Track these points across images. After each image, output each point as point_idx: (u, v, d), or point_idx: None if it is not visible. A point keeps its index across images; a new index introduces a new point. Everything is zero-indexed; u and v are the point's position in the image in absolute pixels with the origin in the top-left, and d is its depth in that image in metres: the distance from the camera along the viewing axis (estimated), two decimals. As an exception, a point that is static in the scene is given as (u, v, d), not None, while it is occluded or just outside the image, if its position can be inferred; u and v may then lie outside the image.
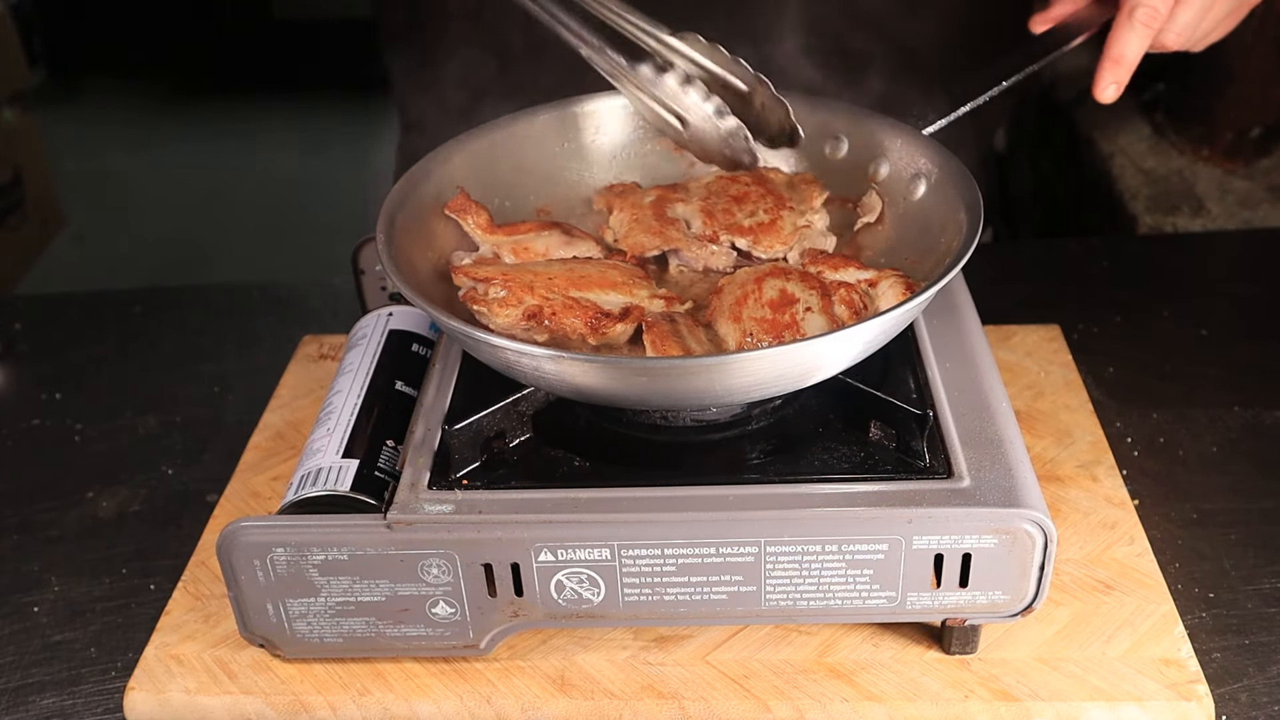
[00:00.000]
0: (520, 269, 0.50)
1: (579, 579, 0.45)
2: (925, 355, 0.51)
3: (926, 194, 0.53)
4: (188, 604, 0.52)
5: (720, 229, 0.53)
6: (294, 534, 0.45)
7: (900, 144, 0.54)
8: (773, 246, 0.53)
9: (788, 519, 0.43)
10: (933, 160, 0.53)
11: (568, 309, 0.47)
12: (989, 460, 0.45)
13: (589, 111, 0.59)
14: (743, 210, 0.53)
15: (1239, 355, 0.69)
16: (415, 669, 0.48)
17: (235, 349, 0.72)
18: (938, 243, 0.50)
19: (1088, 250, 0.82)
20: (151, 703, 0.48)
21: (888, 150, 0.55)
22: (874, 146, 0.56)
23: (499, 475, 0.46)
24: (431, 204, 0.53)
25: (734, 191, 0.54)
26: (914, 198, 0.53)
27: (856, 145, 0.57)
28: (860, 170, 0.56)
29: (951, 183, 0.51)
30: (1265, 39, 1.04)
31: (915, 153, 0.54)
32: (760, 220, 0.52)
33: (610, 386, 0.43)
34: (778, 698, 0.46)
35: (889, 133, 0.55)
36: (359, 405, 0.51)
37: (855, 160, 0.56)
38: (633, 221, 0.54)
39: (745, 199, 0.54)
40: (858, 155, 0.56)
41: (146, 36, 2.53)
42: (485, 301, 0.48)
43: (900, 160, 0.55)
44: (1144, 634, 0.48)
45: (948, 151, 0.52)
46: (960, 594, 0.44)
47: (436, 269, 0.52)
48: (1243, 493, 0.58)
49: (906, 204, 0.54)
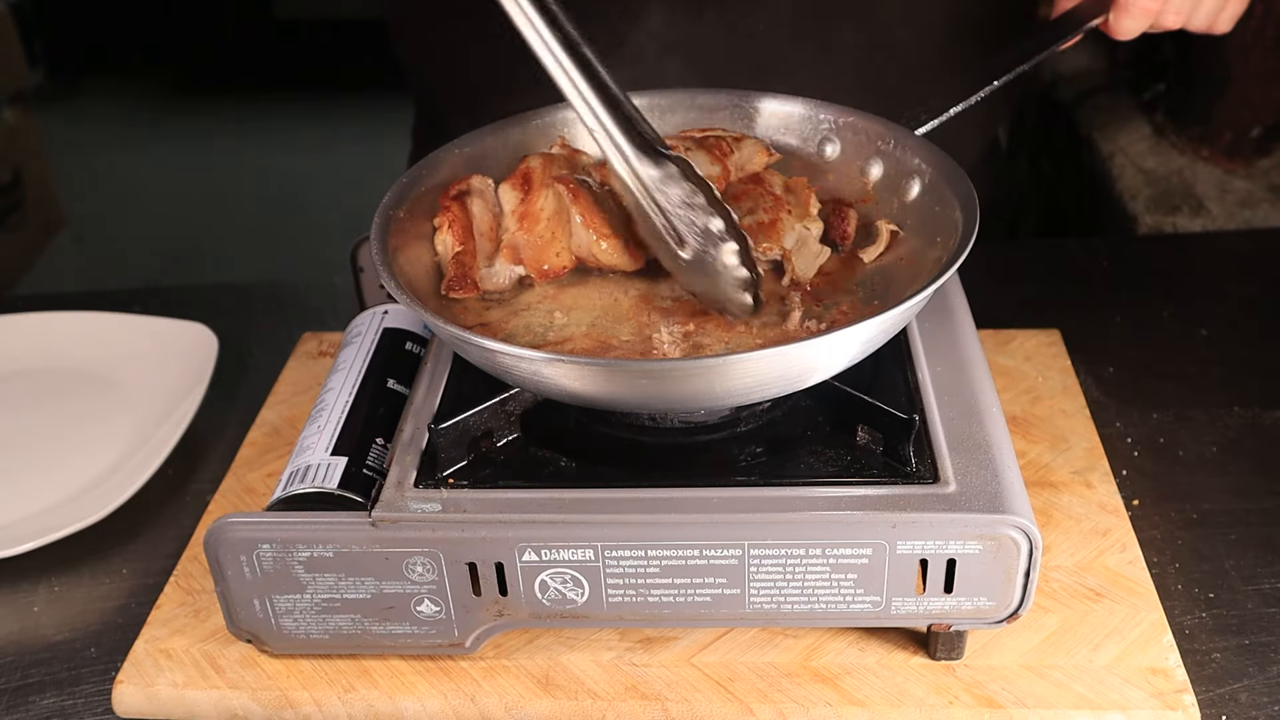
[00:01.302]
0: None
1: (563, 579, 0.45)
2: (916, 357, 0.51)
3: (921, 194, 0.52)
4: (178, 599, 0.52)
5: None
6: (280, 530, 0.45)
7: (893, 144, 0.54)
8: (772, 249, 0.52)
9: (771, 522, 0.43)
10: (926, 160, 0.52)
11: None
12: (976, 465, 0.45)
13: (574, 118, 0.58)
14: (741, 209, 0.53)
15: (1239, 355, 0.68)
16: (401, 666, 0.48)
17: (235, 348, 0.73)
18: (934, 242, 0.50)
19: (1088, 250, 0.82)
20: (139, 696, 0.48)
21: (881, 151, 0.55)
22: (866, 147, 0.55)
23: (485, 475, 0.46)
24: (428, 207, 0.53)
25: (733, 191, 0.54)
26: (908, 198, 0.53)
27: (849, 146, 0.56)
28: (853, 171, 0.56)
29: (946, 182, 0.51)
30: (1265, 39, 1.04)
31: (908, 153, 0.53)
32: (760, 220, 0.52)
33: (607, 389, 0.43)
34: (761, 701, 0.46)
35: (881, 133, 0.55)
36: (350, 403, 0.51)
37: (847, 161, 0.56)
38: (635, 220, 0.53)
39: (744, 197, 0.53)
40: (850, 156, 0.56)
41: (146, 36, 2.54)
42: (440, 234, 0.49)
43: (893, 161, 0.54)
44: (1132, 642, 0.48)
45: (942, 151, 0.52)
46: (945, 599, 0.44)
47: (432, 270, 0.52)
48: (1243, 493, 0.58)
49: (901, 205, 0.53)
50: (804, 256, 0.52)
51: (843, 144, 0.56)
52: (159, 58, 2.55)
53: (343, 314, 0.73)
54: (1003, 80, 0.55)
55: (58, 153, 2.07)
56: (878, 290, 0.51)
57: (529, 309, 0.50)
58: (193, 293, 0.85)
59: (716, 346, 0.48)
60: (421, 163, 0.54)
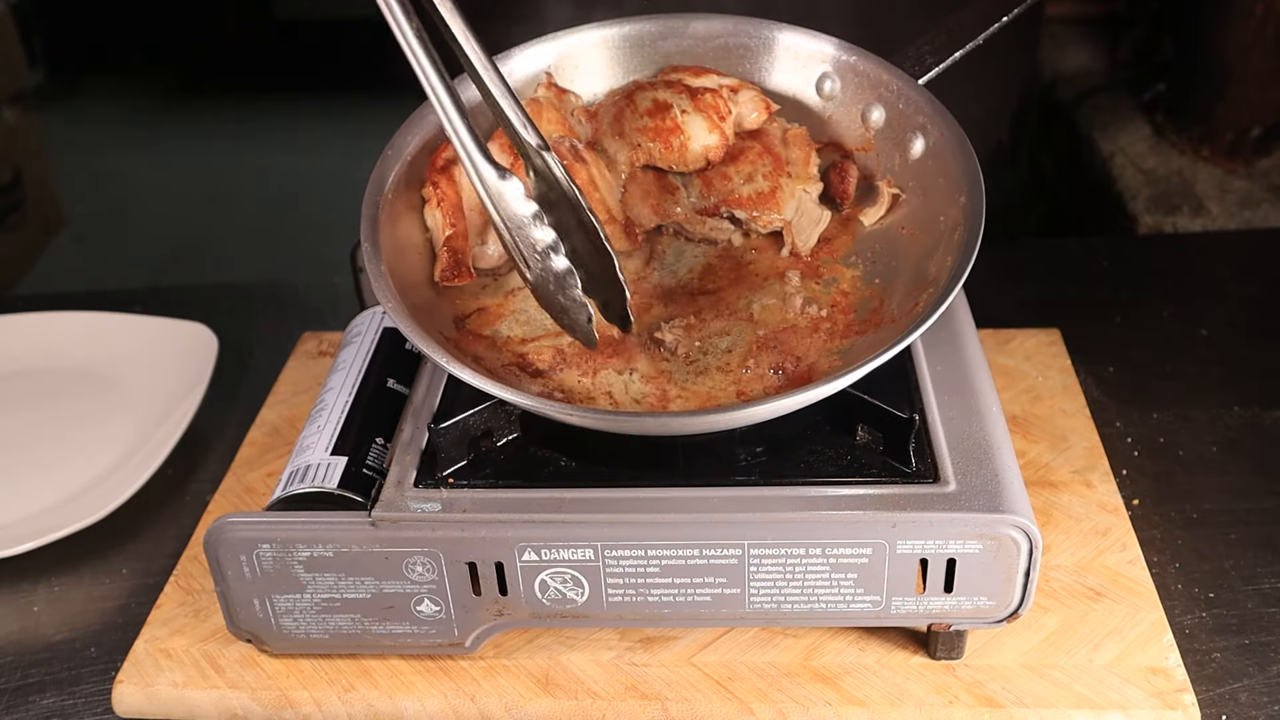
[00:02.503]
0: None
1: (563, 579, 0.45)
2: (916, 357, 0.51)
3: (924, 154, 0.50)
4: (179, 598, 0.52)
5: (719, 199, 0.51)
6: (279, 530, 0.45)
7: (897, 90, 0.51)
8: (771, 222, 0.51)
9: (771, 522, 0.43)
10: (932, 119, 0.49)
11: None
12: (976, 465, 0.45)
13: (564, 51, 0.53)
14: (740, 174, 0.51)
15: (1239, 355, 0.68)
16: (401, 666, 0.48)
17: (235, 348, 0.73)
18: (937, 219, 0.48)
19: (1088, 250, 0.82)
20: (139, 696, 0.48)
21: (883, 96, 0.51)
22: (868, 92, 0.52)
23: (485, 474, 0.46)
24: (419, 175, 0.50)
25: (731, 151, 0.51)
26: (911, 157, 0.50)
27: (849, 87, 0.53)
28: (853, 116, 0.53)
29: (952, 152, 0.48)
30: (1265, 39, 1.03)
31: (913, 105, 0.50)
32: (759, 189, 0.50)
33: (615, 428, 0.43)
34: (761, 700, 0.46)
35: (884, 76, 0.51)
36: (350, 402, 0.51)
37: (848, 103, 0.53)
38: (634, 187, 0.51)
39: (742, 157, 0.51)
40: (850, 98, 0.52)
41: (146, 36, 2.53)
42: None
43: (896, 111, 0.51)
44: (1132, 642, 0.48)
45: (949, 114, 0.49)
46: (945, 599, 0.44)
47: (424, 249, 0.50)
48: (1243, 493, 0.58)
49: (903, 162, 0.51)
50: (804, 226, 0.51)
51: (843, 84, 0.53)
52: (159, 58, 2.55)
53: (343, 314, 0.73)
54: (1011, 15, 0.51)
55: (58, 153, 2.06)
56: (879, 266, 0.50)
57: (524, 289, 0.50)
58: (193, 293, 0.85)
59: (718, 339, 0.48)
60: (405, 125, 0.50)
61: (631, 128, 0.50)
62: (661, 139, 0.49)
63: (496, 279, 0.51)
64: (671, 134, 0.49)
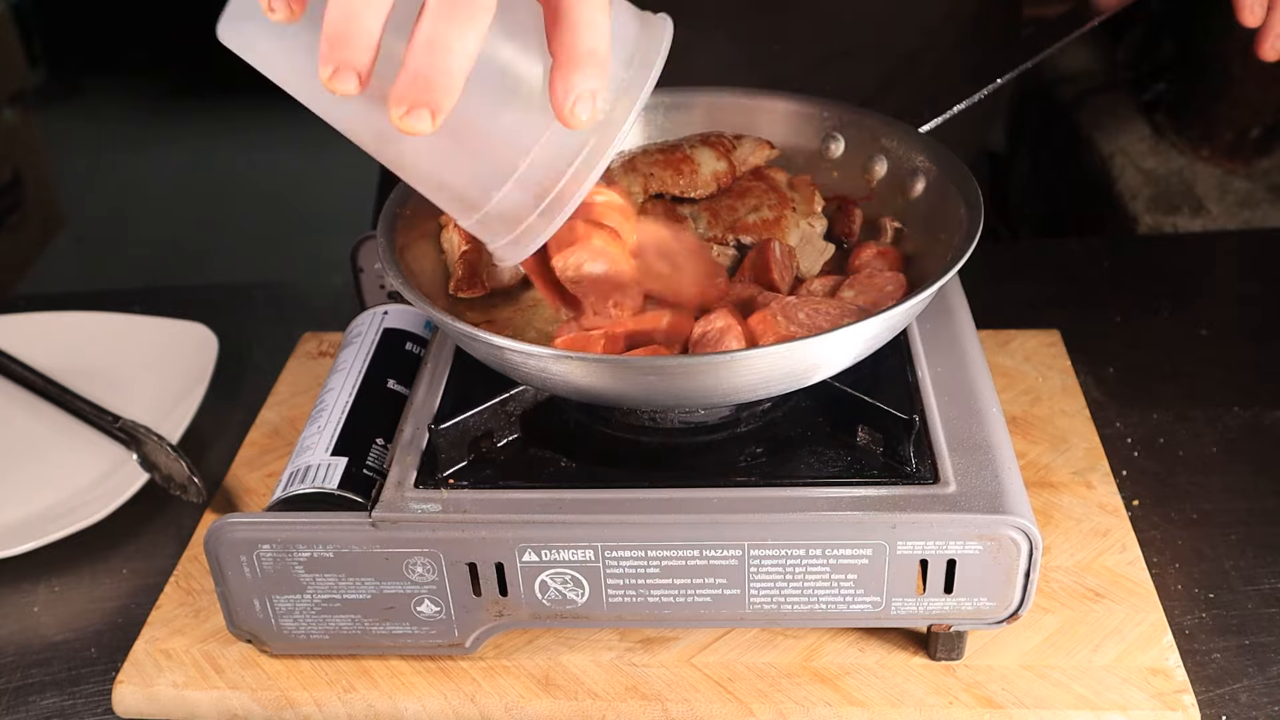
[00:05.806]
0: None
1: (563, 580, 0.45)
2: (916, 357, 0.51)
3: (926, 192, 0.53)
4: (179, 599, 0.52)
5: (726, 227, 0.53)
6: (280, 531, 0.45)
7: (898, 142, 0.55)
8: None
9: (771, 522, 0.43)
10: (930, 157, 0.53)
11: None
12: (976, 466, 0.45)
13: None
14: (745, 206, 0.53)
15: (1239, 355, 0.68)
16: (401, 666, 0.48)
17: (235, 348, 0.73)
18: (938, 240, 0.50)
19: (1088, 250, 0.82)
20: (139, 696, 0.48)
21: (885, 148, 0.55)
22: (871, 144, 0.56)
23: (485, 475, 0.46)
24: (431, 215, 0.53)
25: (737, 187, 0.54)
26: (912, 195, 0.53)
27: (852, 143, 0.56)
28: (856, 169, 0.56)
29: (951, 180, 0.51)
30: (1266, 39, 1.03)
31: (913, 150, 0.54)
32: (765, 217, 0.52)
33: (613, 386, 0.43)
34: (761, 701, 0.46)
35: (885, 130, 0.55)
36: (350, 403, 0.51)
37: (852, 158, 0.56)
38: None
39: (748, 194, 0.53)
40: (853, 154, 0.56)
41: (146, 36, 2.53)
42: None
43: (898, 158, 0.54)
44: (1132, 642, 0.48)
45: (946, 149, 0.52)
46: (945, 600, 0.44)
47: (438, 267, 0.52)
48: (1243, 493, 0.58)
49: (906, 201, 0.54)
50: (808, 253, 0.52)
51: (846, 141, 0.57)
52: (160, 58, 2.55)
53: (343, 314, 0.73)
54: (1006, 78, 0.55)
55: (58, 153, 2.07)
56: None
57: (535, 305, 0.51)
58: (193, 293, 0.85)
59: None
60: None
61: (643, 163, 0.53)
62: (673, 167, 0.52)
63: (509, 297, 0.51)
64: (683, 163, 0.53)
